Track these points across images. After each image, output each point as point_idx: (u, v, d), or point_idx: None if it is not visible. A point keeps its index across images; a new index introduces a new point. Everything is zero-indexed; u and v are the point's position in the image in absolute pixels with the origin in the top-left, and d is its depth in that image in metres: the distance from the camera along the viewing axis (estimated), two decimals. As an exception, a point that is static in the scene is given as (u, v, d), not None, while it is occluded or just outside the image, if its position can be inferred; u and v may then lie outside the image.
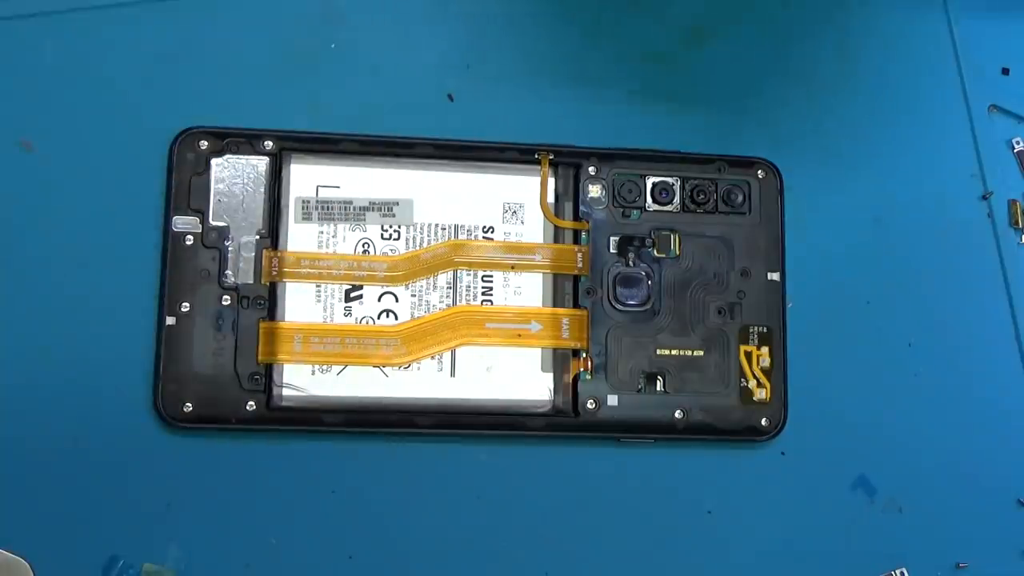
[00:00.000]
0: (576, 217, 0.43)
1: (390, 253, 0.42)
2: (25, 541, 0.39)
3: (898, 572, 0.43)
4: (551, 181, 0.44)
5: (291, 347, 0.41)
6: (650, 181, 0.44)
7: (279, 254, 0.42)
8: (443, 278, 0.42)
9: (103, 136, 0.42)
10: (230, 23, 0.43)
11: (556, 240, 0.43)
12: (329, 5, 0.44)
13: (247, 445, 0.41)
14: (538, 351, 0.42)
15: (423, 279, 0.42)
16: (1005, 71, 0.48)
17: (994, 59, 0.48)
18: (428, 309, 0.42)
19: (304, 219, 0.42)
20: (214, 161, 0.42)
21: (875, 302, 0.45)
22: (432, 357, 0.42)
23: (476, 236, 0.43)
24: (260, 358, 0.41)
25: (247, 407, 0.40)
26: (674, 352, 0.43)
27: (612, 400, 0.42)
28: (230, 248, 0.41)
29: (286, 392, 0.41)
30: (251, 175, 0.42)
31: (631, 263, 0.43)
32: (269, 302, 0.41)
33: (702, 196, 0.44)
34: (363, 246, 0.42)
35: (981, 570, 0.44)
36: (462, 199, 0.43)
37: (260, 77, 0.43)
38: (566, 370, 0.42)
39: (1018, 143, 0.47)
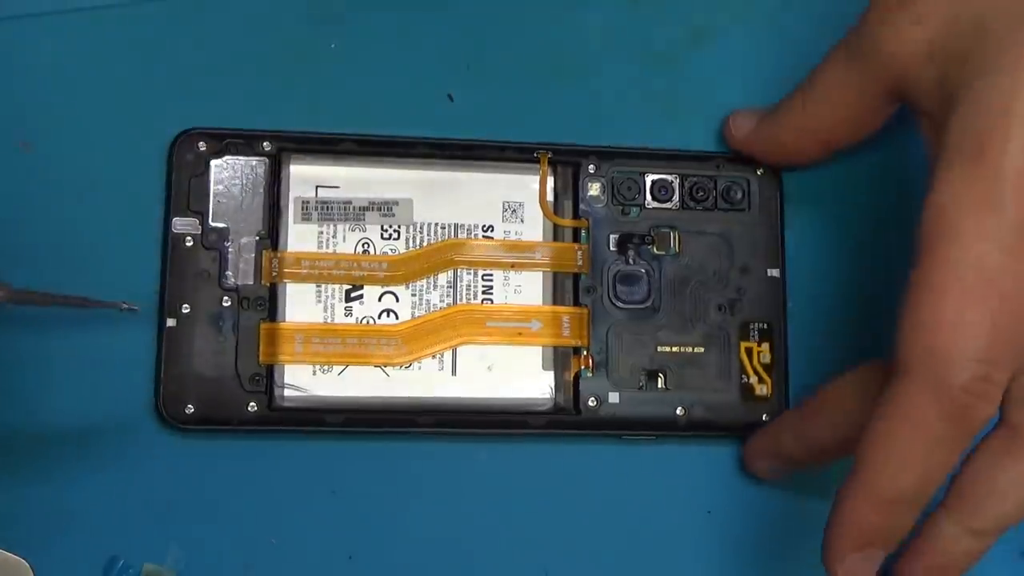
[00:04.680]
0: (576, 215, 0.43)
1: (390, 253, 0.42)
2: (25, 541, 0.39)
3: (899, 571, 0.43)
4: (550, 180, 0.44)
5: (292, 348, 0.41)
6: (649, 179, 0.44)
7: (279, 255, 0.42)
8: (443, 277, 0.42)
9: (103, 137, 0.42)
10: (229, 23, 0.43)
11: (556, 238, 0.43)
12: (329, 5, 0.44)
13: (248, 446, 0.41)
14: (539, 349, 0.42)
15: (423, 279, 0.42)
16: (1002, 70, 0.47)
17: (991, 58, 0.48)
18: (428, 308, 0.42)
19: (304, 219, 0.42)
20: (213, 162, 0.42)
21: (875, 297, 0.45)
22: (433, 356, 0.42)
23: (476, 235, 0.43)
24: (261, 359, 0.41)
25: (248, 408, 0.40)
26: (675, 349, 0.43)
27: (613, 397, 0.42)
28: (230, 249, 0.41)
29: (287, 393, 0.41)
30: (250, 176, 0.42)
31: (631, 261, 0.43)
32: (269, 303, 0.41)
33: (701, 193, 0.44)
34: (363, 246, 0.42)
35: (981, 570, 0.44)
36: (462, 199, 0.43)
37: (260, 77, 0.43)
38: (567, 368, 0.42)
39: (1016, 141, 0.47)
